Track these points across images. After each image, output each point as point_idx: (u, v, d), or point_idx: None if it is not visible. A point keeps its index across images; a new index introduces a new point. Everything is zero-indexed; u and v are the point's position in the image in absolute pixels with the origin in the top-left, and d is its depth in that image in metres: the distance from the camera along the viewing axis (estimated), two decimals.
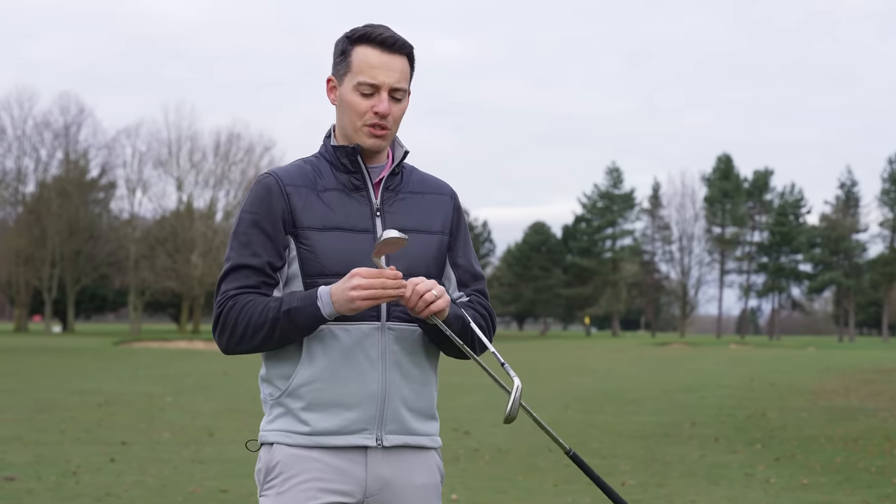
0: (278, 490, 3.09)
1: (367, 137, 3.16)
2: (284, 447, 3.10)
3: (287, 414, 3.11)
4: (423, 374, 3.20)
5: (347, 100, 3.16)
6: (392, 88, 3.14)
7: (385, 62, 3.13)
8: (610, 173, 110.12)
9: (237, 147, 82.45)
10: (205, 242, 77.91)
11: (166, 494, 9.68)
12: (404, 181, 3.27)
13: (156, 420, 16.45)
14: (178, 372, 30.85)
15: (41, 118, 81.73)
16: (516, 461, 12.28)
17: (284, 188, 3.14)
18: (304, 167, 3.22)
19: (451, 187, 3.37)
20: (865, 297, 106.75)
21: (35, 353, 41.47)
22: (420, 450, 3.20)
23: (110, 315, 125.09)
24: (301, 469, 3.07)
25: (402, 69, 3.16)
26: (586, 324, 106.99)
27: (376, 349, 3.10)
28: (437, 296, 2.99)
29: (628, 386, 26.52)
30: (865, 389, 25.80)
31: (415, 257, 3.16)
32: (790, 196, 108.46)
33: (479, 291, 3.35)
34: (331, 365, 3.07)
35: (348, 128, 3.18)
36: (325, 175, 3.19)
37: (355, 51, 3.15)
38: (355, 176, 3.19)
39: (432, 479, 3.23)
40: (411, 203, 3.23)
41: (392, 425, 3.11)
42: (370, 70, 3.12)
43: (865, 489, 10.57)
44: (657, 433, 15.65)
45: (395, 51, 3.14)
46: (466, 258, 3.34)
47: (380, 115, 3.13)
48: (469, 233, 3.40)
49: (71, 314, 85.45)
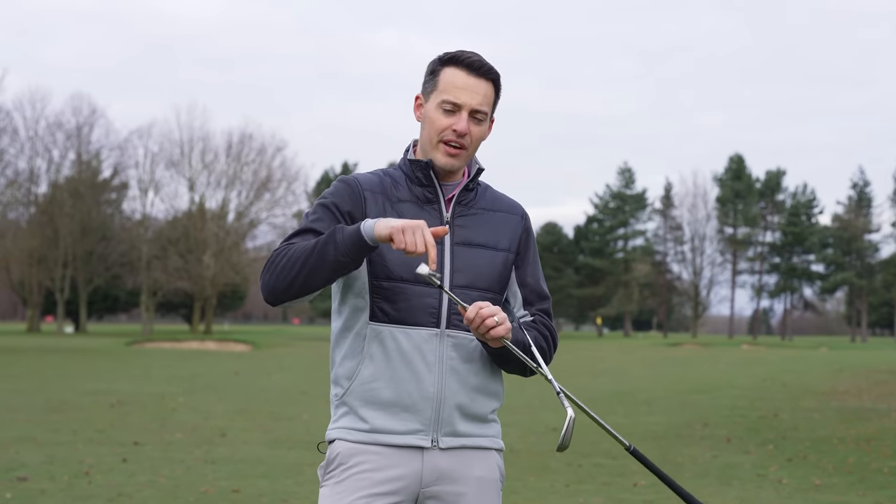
0: (336, 480, 3.21)
1: (443, 156, 3.26)
2: (345, 442, 3.22)
3: (349, 413, 3.23)
4: (481, 381, 3.27)
5: (430, 116, 3.27)
6: (473, 110, 3.25)
7: (470, 84, 3.25)
8: (622, 174, 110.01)
9: (249, 148, 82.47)
10: (217, 243, 77.97)
11: (178, 495, 9.70)
12: (477, 198, 3.38)
13: (168, 420, 16.48)
14: (191, 372, 30.90)
15: (53, 119, 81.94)
16: (528, 461, 12.27)
17: (362, 191, 3.25)
18: (382, 177, 3.33)
19: (522, 208, 3.48)
20: (878, 297, 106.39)
21: (47, 354, 41.59)
22: (479, 450, 3.28)
23: (122, 315, 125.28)
24: (358, 461, 3.18)
25: (485, 93, 3.27)
26: (598, 324, 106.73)
27: (434, 354, 3.19)
28: (498, 322, 3.06)
29: (640, 386, 26.48)
30: (878, 390, 25.73)
31: (479, 272, 3.27)
32: (802, 196, 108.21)
33: (544, 311, 3.44)
34: (389, 365, 3.18)
35: (427, 143, 3.30)
36: (400, 187, 3.30)
37: (444, 71, 3.27)
38: (428, 189, 3.29)
39: (491, 475, 3.29)
40: (481, 219, 3.32)
41: (447, 428, 3.21)
42: (454, 90, 3.24)
43: (878, 490, 10.54)
44: (669, 434, 15.63)
45: (481, 75, 3.27)
46: (534, 278, 3.43)
47: (458, 134, 3.24)
48: (538, 254, 3.48)
49: (83, 314, 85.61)
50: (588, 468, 11.80)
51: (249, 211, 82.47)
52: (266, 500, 9.49)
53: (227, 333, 76.72)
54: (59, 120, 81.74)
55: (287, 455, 12.49)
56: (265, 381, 25.98)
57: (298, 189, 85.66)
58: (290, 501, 9.45)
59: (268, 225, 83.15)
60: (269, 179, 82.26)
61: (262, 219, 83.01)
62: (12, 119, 78.50)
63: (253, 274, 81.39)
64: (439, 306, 3.20)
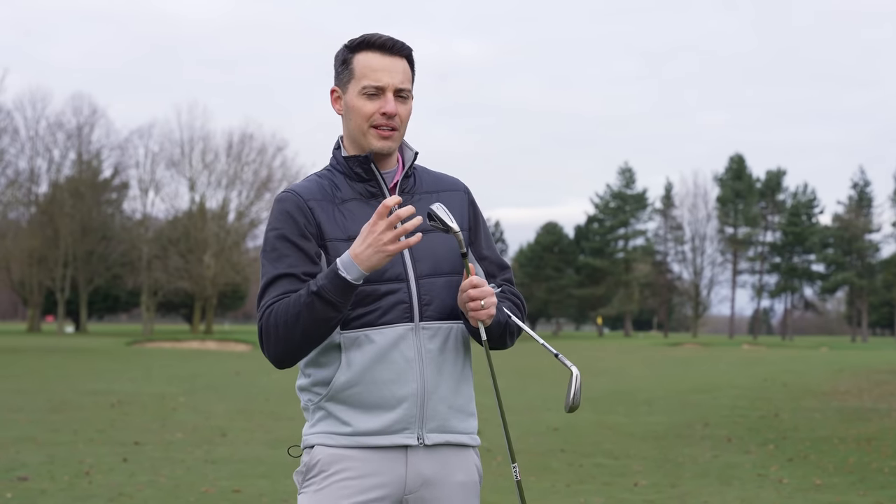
0: (317, 487, 3.15)
1: (376, 140, 3.19)
2: (325, 448, 3.16)
3: (328, 417, 3.16)
4: (459, 370, 3.26)
5: (353, 105, 3.19)
6: (397, 89, 3.18)
7: (387, 64, 3.18)
8: (622, 173, 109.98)
9: (249, 147, 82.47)
10: (217, 243, 78.00)
11: (179, 495, 9.70)
12: (418, 182, 3.32)
13: (168, 420, 16.48)
14: (191, 372, 30.90)
15: (54, 119, 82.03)
16: (528, 461, 12.26)
17: (306, 202, 3.17)
18: (319, 182, 3.25)
19: (462, 183, 3.42)
20: (878, 297, 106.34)
21: (48, 354, 41.59)
22: (460, 448, 3.26)
23: (123, 315, 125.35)
24: (341, 467, 3.13)
25: (403, 70, 3.21)
26: (599, 324, 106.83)
27: (412, 349, 3.15)
28: (493, 303, 3.13)
29: (641, 386, 26.49)
30: (878, 390, 25.73)
31: (439, 257, 3.23)
32: (803, 196, 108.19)
33: (508, 280, 3.42)
34: (369, 368, 3.12)
35: (356, 133, 3.21)
36: (341, 187, 3.23)
37: (356, 58, 3.20)
38: (370, 184, 3.23)
39: (471, 478, 3.28)
40: (427, 203, 3.24)
41: (432, 423, 3.17)
42: (373, 73, 3.17)
43: (879, 490, 10.54)
44: (670, 434, 15.62)
45: (395, 53, 3.20)
46: (491, 249, 3.41)
47: (387, 116, 3.17)
48: (487, 223, 3.45)
49: (84, 314, 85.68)
50: (588, 468, 11.79)
51: (250, 211, 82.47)
52: (266, 500, 9.49)
53: (228, 333, 76.68)
54: (60, 120, 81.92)
55: (287, 455, 12.46)
56: (266, 381, 25.96)
57: None
58: (290, 502, 9.44)
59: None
60: (269, 179, 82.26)
61: (262, 218, 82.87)
62: (13, 119, 78.59)
63: (253, 274, 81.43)
64: (410, 300, 3.15)
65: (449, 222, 3.08)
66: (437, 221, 3.09)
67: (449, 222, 3.08)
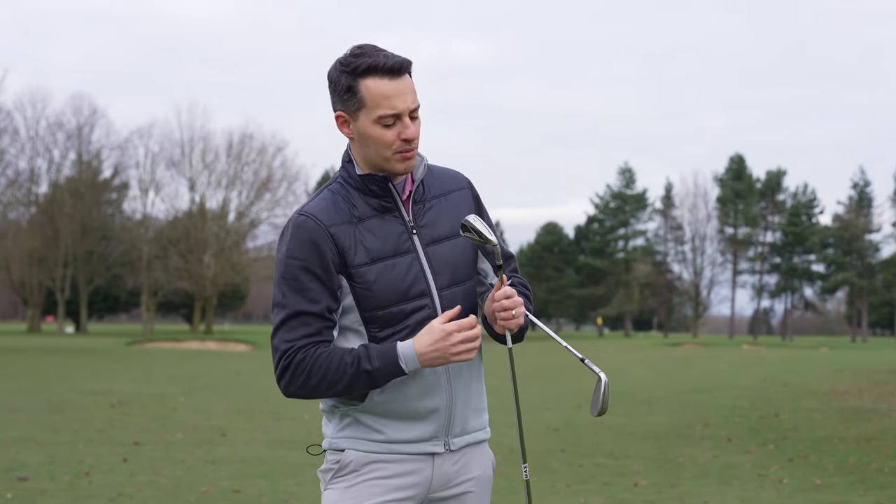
0: (348, 484, 3.21)
1: (400, 164, 3.20)
2: (356, 452, 3.22)
3: (357, 423, 3.23)
4: (476, 370, 3.36)
5: (370, 134, 3.15)
6: (410, 110, 3.16)
7: (397, 88, 3.13)
8: (622, 174, 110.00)
9: (250, 147, 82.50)
10: (217, 243, 78.02)
11: (179, 495, 9.70)
12: (427, 187, 3.32)
13: (168, 420, 16.48)
14: (191, 372, 30.91)
15: (54, 119, 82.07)
16: (529, 461, 12.24)
17: (328, 230, 3.15)
18: (335, 199, 3.23)
19: (465, 177, 3.45)
20: (878, 297, 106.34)
21: (48, 354, 41.59)
22: (477, 444, 3.39)
23: (123, 315, 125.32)
24: (373, 468, 3.20)
25: (412, 89, 3.18)
26: (599, 324, 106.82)
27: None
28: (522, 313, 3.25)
29: (641, 386, 26.46)
30: (879, 390, 25.72)
31: (456, 266, 3.28)
32: (803, 196, 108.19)
33: (514, 271, 3.50)
34: (401, 385, 3.18)
35: (377, 159, 3.20)
36: (357, 204, 3.22)
37: (364, 85, 3.12)
38: (385, 199, 3.23)
39: (486, 472, 3.42)
40: (439, 209, 3.29)
41: (457, 428, 3.28)
42: (387, 102, 3.11)
43: (879, 490, 10.53)
44: (670, 434, 15.62)
45: (401, 74, 3.14)
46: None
47: (408, 141, 3.16)
48: (489, 213, 3.46)
49: (84, 314, 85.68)
50: (589, 468, 11.79)
51: (250, 211, 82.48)
52: (266, 501, 9.49)
53: (228, 333, 76.69)
54: (60, 120, 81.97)
55: (288, 455, 12.48)
56: (266, 381, 25.93)
57: (299, 189, 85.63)
58: (290, 502, 9.44)
59: (268, 225, 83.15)
60: (269, 179, 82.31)
61: (262, 219, 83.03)
62: (13, 119, 78.73)
63: (253, 274, 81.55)
64: (436, 314, 3.20)
65: (488, 235, 3.12)
66: (473, 233, 3.12)
67: (488, 235, 3.12)
